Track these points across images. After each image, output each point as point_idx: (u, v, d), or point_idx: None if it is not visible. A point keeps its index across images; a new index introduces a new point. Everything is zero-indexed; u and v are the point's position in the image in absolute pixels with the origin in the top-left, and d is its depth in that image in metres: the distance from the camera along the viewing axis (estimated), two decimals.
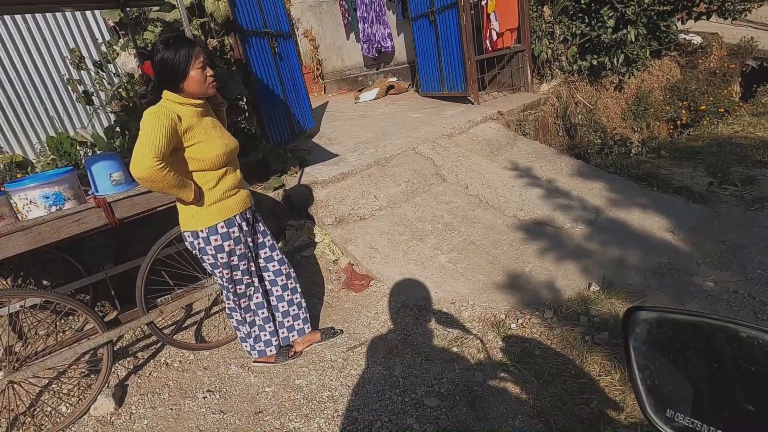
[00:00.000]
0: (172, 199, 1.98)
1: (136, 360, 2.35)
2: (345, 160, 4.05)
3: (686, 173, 3.81)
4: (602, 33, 5.10)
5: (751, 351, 0.37)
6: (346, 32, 7.90)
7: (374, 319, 2.45)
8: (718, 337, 0.39)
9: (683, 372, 0.42)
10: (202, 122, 1.73)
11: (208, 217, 1.78)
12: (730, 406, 0.38)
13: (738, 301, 2.26)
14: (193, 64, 1.64)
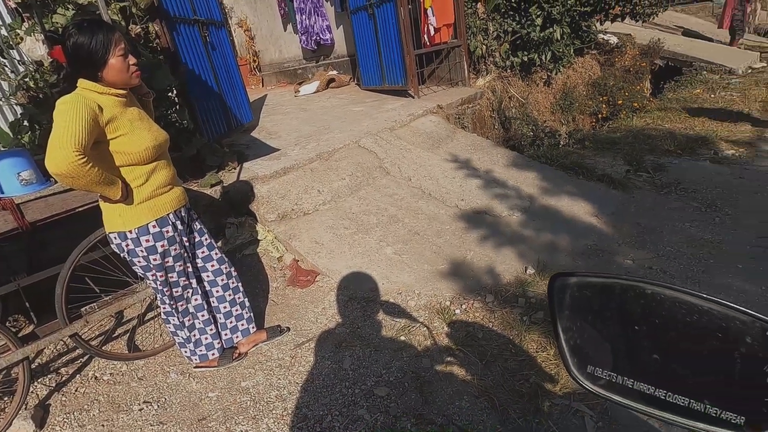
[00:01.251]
0: (94, 198, 1.82)
1: (59, 376, 2.14)
2: (286, 155, 3.94)
3: (607, 162, 4.16)
4: (531, 31, 5.40)
5: (655, 305, 0.41)
6: (283, 23, 7.66)
7: (321, 314, 2.43)
8: (628, 295, 0.43)
9: (601, 330, 0.46)
10: (126, 113, 1.60)
11: (137, 216, 1.65)
12: (641, 358, 0.42)
13: (652, 276, 2.51)
14: (113, 51, 1.51)
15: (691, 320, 0.40)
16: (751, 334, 0.37)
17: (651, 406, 0.41)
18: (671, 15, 10.71)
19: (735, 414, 0.37)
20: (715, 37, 9.43)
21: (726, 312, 0.38)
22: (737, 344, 0.38)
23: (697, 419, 0.39)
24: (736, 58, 7.68)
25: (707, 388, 0.39)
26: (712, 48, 8.43)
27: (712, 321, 0.39)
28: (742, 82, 6.54)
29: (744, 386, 0.38)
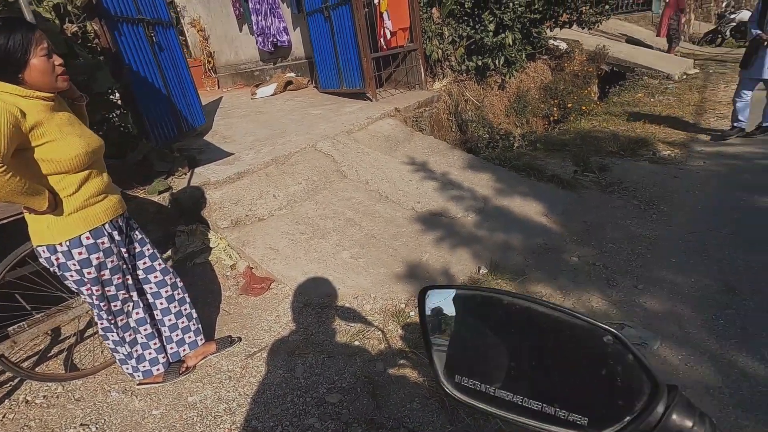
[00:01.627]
0: (17, 210, 1.69)
1: None
2: (241, 159, 3.85)
3: (557, 163, 4.33)
4: (485, 36, 5.55)
5: (512, 316, 0.44)
6: (239, 24, 7.49)
7: (275, 322, 2.38)
8: (488, 306, 0.46)
9: (466, 340, 0.48)
10: (54, 118, 1.50)
11: (68, 227, 1.55)
12: (500, 366, 0.45)
13: (596, 272, 2.64)
14: (34, 51, 1.41)
15: (542, 329, 0.42)
16: (591, 340, 0.39)
17: (510, 411, 0.43)
18: (616, 23, 11.34)
19: (580, 416, 0.39)
20: (654, 44, 10.06)
21: (570, 320, 0.40)
22: (580, 350, 0.40)
23: (549, 422, 0.41)
24: (673, 65, 8.24)
25: (557, 393, 0.41)
26: (652, 55, 8.99)
27: (559, 329, 0.41)
28: (677, 87, 7.01)
29: (586, 390, 0.40)
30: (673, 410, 0.36)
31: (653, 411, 0.36)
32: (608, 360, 0.39)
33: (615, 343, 0.38)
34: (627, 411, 0.37)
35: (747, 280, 2.37)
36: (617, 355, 0.38)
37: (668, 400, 0.37)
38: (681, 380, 1.81)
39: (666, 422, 0.36)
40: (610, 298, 2.40)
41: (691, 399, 0.38)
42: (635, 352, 0.38)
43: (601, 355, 0.39)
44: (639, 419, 0.37)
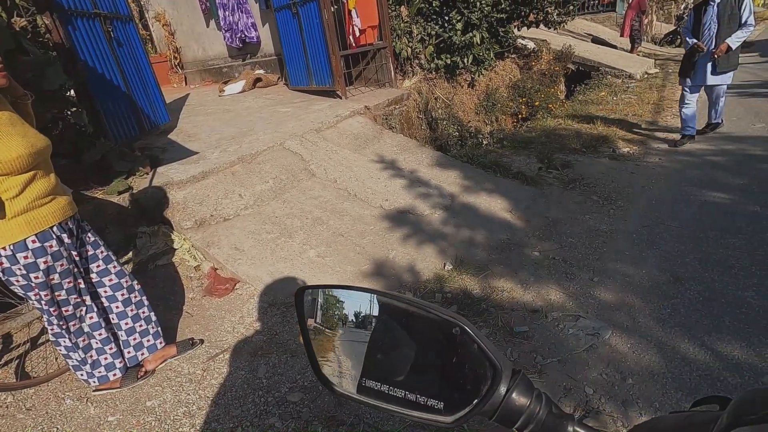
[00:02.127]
0: None
1: None
2: (206, 158, 3.78)
3: (522, 160, 4.44)
4: (453, 35, 5.62)
5: (379, 311, 0.48)
6: (206, 19, 7.31)
7: (239, 323, 2.36)
8: (359, 303, 0.49)
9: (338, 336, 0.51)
10: None
11: (11, 231, 1.50)
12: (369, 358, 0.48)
13: (555, 266, 2.73)
14: None
15: (403, 323, 0.46)
16: (442, 331, 0.43)
17: (378, 400, 0.47)
18: (582, 23, 11.68)
19: (437, 401, 0.43)
20: (618, 44, 10.42)
21: (424, 313, 0.44)
22: (435, 341, 0.44)
23: (411, 408, 0.45)
24: (635, 65, 8.55)
25: (417, 381, 0.45)
26: (615, 54, 9.31)
27: (417, 322, 0.45)
28: (639, 86, 7.29)
29: (441, 377, 0.44)
30: (513, 391, 0.40)
31: (495, 392, 0.40)
32: (458, 349, 0.42)
33: (463, 333, 0.42)
34: (475, 394, 0.41)
35: (692, 270, 2.51)
36: (464, 344, 0.42)
37: (510, 382, 0.41)
38: (629, 368, 1.91)
39: (507, 402, 0.40)
40: (568, 290, 2.49)
41: (531, 379, 0.43)
42: (479, 341, 0.41)
43: (451, 345, 0.42)
44: (484, 401, 0.41)
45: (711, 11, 4.12)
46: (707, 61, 4.22)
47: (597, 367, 1.92)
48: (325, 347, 0.51)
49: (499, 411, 0.40)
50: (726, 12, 4.03)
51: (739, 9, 4.00)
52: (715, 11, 4.10)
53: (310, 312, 0.52)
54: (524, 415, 0.40)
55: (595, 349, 2.02)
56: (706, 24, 4.16)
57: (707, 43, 4.16)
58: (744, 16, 4.01)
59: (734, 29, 4.03)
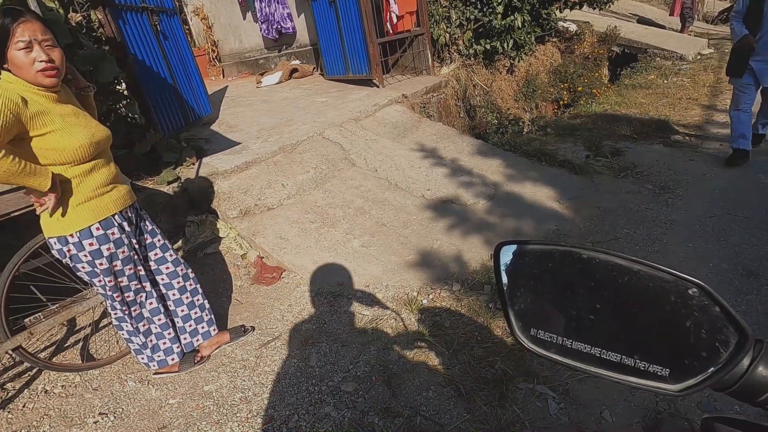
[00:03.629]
0: (29, 202, 1.69)
1: (4, 392, 2.00)
2: (248, 148, 3.82)
3: (568, 148, 4.25)
4: (493, 18, 5.42)
5: (590, 269, 0.44)
6: (242, 11, 7.39)
7: (287, 311, 2.38)
8: (566, 260, 0.46)
9: (542, 294, 0.48)
10: (57, 108, 1.47)
11: (78, 218, 1.54)
12: (578, 319, 0.45)
13: None
14: (10, 43, 1.35)
15: (622, 281, 0.42)
16: (674, 293, 0.39)
17: (588, 363, 0.44)
18: (627, 3, 11.05)
19: (661, 367, 0.40)
20: (667, 24, 9.80)
21: (652, 272, 0.41)
22: (662, 302, 0.40)
23: (628, 374, 0.42)
24: (687, 45, 8.02)
25: (637, 345, 0.42)
26: (664, 35, 8.76)
27: (640, 282, 0.41)
28: (692, 68, 6.83)
29: (668, 341, 0.41)
30: (760, 362, 0.36)
31: (739, 363, 0.36)
32: (693, 311, 0.38)
33: (701, 294, 0.38)
34: (711, 362, 0.37)
35: (767, 264, 2.32)
36: (702, 307, 0.38)
37: (754, 352, 0.36)
38: None
39: (752, 374, 0.36)
40: None
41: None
42: (723, 303, 0.37)
43: (685, 307, 0.39)
44: (724, 370, 0.37)
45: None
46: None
47: None
48: (524, 306, 0.49)
49: (741, 383, 0.36)
50: None
51: None
52: None
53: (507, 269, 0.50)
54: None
55: None
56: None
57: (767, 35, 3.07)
58: None
59: None
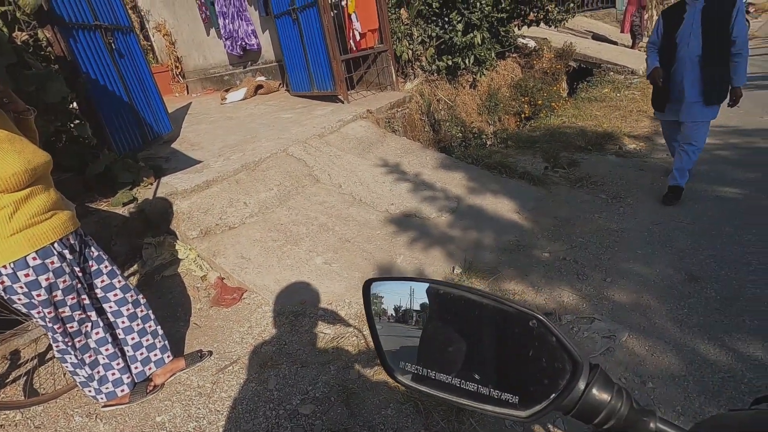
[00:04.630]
0: None
1: None
2: (210, 167, 3.76)
3: (528, 160, 4.40)
4: (454, 36, 5.59)
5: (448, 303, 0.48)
6: (206, 28, 7.33)
7: (247, 333, 2.33)
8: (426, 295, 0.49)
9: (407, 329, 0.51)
10: None
11: (11, 248, 1.47)
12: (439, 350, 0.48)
13: (566, 267, 2.68)
14: None
15: (474, 315, 0.45)
16: (518, 325, 0.42)
17: (450, 394, 0.47)
18: (581, 20, 11.61)
19: (511, 395, 0.43)
20: (619, 40, 10.35)
21: (499, 306, 0.43)
22: (508, 334, 0.43)
23: (485, 402, 0.44)
24: (637, 60, 8.47)
25: (490, 375, 0.45)
26: (617, 51, 9.24)
27: (489, 315, 0.44)
28: (642, 82, 7.21)
29: (515, 371, 0.44)
30: (593, 386, 0.40)
31: (575, 388, 0.39)
32: (534, 342, 0.42)
33: (539, 326, 0.41)
34: (552, 389, 0.41)
35: (707, 268, 2.45)
36: (541, 338, 0.41)
37: (589, 377, 0.40)
38: (648, 371, 1.85)
39: (587, 397, 0.39)
40: (581, 292, 2.44)
41: (609, 375, 0.42)
42: (558, 334, 0.40)
43: (527, 338, 0.42)
44: (563, 396, 0.40)
45: (691, 19, 2.78)
46: (690, 92, 2.89)
47: (615, 371, 1.87)
48: (392, 339, 0.51)
49: (579, 406, 0.40)
50: (713, 23, 2.72)
51: (728, 19, 2.68)
52: (697, 19, 2.75)
53: (377, 304, 0.52)
54: (605, 411, 0.40)
55: (612, 352, 1.97)
56: (683, 37, 2.83)
57: (684, 68, 2.86)
58: (735, 31, 2.70)
59: (725, 50, 2.76)
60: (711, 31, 2.72)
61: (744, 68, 2.81)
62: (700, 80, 2.84)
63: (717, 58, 2.77)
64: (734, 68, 2.81)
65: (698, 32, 2.74)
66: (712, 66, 2.78)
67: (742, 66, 2.79)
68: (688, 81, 2.88)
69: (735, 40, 2.72)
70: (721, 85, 2.84)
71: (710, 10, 2.71)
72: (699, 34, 2.74)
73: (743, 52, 2.76)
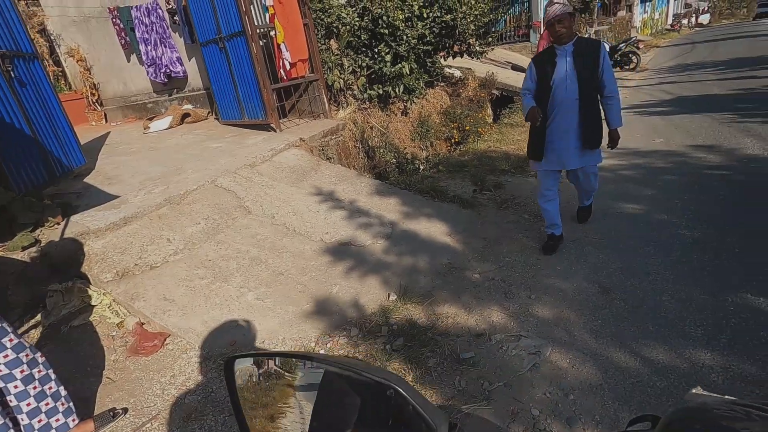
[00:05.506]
0: None
1: None
2: (128, 202, 3.51)
3: (458, 184, 4.60)
4: (383, 66, 5.80)
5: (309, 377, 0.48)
6: (126, 54, 6.95)
7: (170, 383, 2.15)
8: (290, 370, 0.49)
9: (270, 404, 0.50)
10: None
11: None
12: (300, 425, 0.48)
13: (495, 286, 2.80)
14: None
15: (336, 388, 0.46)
16: (377, 395, 0.43)
17: None
18: (501, 52, 12.61)
19: None
20: None
21: (359, 377, 0.44)
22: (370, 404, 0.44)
23: None
24: None
25: None
26: None
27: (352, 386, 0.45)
28: None
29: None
30: None
31: None
32: (393, 411, 0.42)
33: (397, 395, 0.42)
34: None
35: (616, 280, 2.69)
36: (399, 406, 0.42)
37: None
38: (570, 383, 1.97)
39: None
40: (508, 310, 2.56)
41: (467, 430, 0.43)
42: (413, 402, 0.41)
43: (387, 408, 0.42)
44: None
45: (564, 64, 2.72)
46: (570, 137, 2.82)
47: (541, 386, 1.96)
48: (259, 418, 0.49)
49: None
50: (585, 68, 2.71)
51: (596, 63, 2.71)
52: (570, 63, 2.70)
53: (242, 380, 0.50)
54: None
55: (537, 368, 2.07)
56: (559, 82, 2.74)
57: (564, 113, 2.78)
58: (604, 76, 2.76)
59: (599, 94, 2.82)
60: (584, 75, 2.72)
61: (618, 110, 2.86)
62: (581, 124, 2.81)
63: (593, 102, 2.81)
64: (608, 111, 2.86)
65: (573, 77, 2.72)
66: (589, 109, 2.79)
67: (616, 108, 2.85)
68: (570, 126, 2.82)
69: (605, 84, 2.78)
70: (600, 128, 2.85)
71: (580, 56, 2.71)
72: (575, 79, 2.72)
73: (614, 95, 2.82)
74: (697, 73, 10.70)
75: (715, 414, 0.33)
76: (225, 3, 4.76)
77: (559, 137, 2.86)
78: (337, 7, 5.74)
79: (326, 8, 5.69)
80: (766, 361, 1.93)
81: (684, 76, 10.62)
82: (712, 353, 2.02)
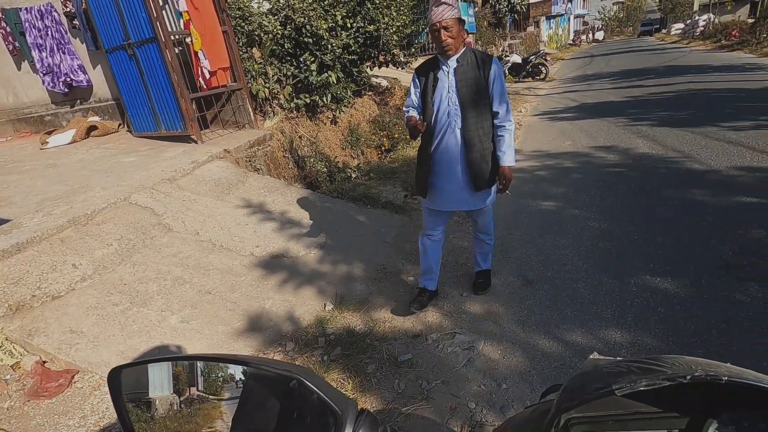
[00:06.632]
0: None
1: None
2: (22, 226, 3.09)
3: (389, 190, 4.67)
4: (309, 75, 5.75)
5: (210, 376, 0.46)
6: (16, 61, 6.19)
7: (79, 425, 1.91)
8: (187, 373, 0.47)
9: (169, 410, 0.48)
10: None
11: None
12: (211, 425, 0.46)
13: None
14: None
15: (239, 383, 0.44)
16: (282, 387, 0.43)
17: None
18: None
19: None
20: None
21: (262, 372, 0.43)
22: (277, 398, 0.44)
23: None
24: None
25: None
26: None
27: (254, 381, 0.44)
28: None
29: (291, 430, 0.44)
30: (359, 429, 0.41)
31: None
32: (298, 402, 0.42)
33: (300, 385, 0.42)
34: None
35: (537, 272, 2.89)
36: (303, 397, 0.42)
37: (355, 424, 0.41)
38: (502, 373, 2.06)
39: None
40: (443, 309, 2.63)
41: (377, 416, 0.44)
42: (317, 390, 0.41)
43: (291, 399, 0.43)
44: None
45: (445, 81, 2.17)
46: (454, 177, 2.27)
47: (476, 380, 2.03)
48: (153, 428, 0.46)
49: None
50: (470, 89, 2.15)
51: (485, 84, 2.16)
52: (453, 81, 2.16)
53: (130, 392, 0.47)
54: None
55: (472, 362, 2.15)
56: (440, 103, 2.19)
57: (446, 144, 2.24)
58: (495, 101, 2.19)
59: (486, 119, 2.21)
60: (468, 98, 2.15)
61: (509, 144, 2.25)
62: (466, 160, 2.23)
63: (482, 132, 2.21)
64: (498, 144, 2.26)
65: (456, 100, 2.16)
66: (475, 143, 2.20)
67: (507, 141, 2.24)
68: (454, 160, 2.25)
69: (495, 110, 2.21)
70: (488, 165, 2.26)
71: (465, 74, 2.15)
72: (457, 103, 2.17)
73: (507, 125, 2.23)
74: (596, 82, 11.99)
75: (603, 372, 0.36)
76: (132, 7, 4.44)
77: (444, 175, 2.30)
78: (258, 15, 5.61)
79: (246, 16, 5.53)
80: (663, 333, 2.18)
81: (585, 85, 11.83)
82: (621, 331, 2.23)
